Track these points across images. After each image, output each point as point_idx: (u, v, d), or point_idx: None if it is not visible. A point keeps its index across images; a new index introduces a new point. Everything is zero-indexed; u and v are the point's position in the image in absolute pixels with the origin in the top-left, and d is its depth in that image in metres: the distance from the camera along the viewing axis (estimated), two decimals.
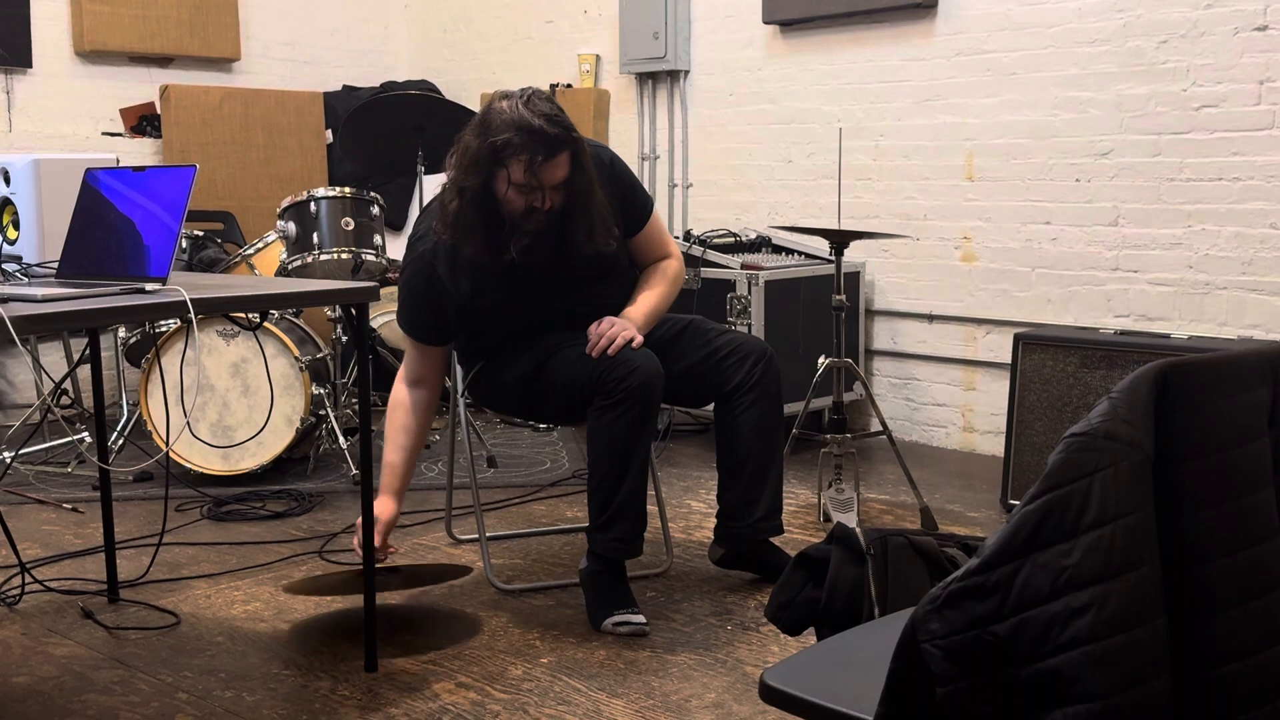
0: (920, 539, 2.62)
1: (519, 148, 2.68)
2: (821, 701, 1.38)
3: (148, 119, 5.77)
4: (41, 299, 2.14)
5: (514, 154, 2.69)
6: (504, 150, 2.70)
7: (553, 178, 2.74)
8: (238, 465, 4.15)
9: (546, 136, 2.69)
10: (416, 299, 2.97)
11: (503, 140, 2.69)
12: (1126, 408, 1.17)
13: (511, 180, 2.73)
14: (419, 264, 2.93)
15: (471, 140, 2.77)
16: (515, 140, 2.68)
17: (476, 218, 2.78)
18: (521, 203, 2.76)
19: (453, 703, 2.49)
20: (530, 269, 2.88)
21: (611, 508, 2.81)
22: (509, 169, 2.72)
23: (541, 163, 2.70)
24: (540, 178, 2.72)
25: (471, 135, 2.78)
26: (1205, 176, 4.06)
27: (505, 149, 2.70)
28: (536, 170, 2.70)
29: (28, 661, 2.70)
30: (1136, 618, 1.13)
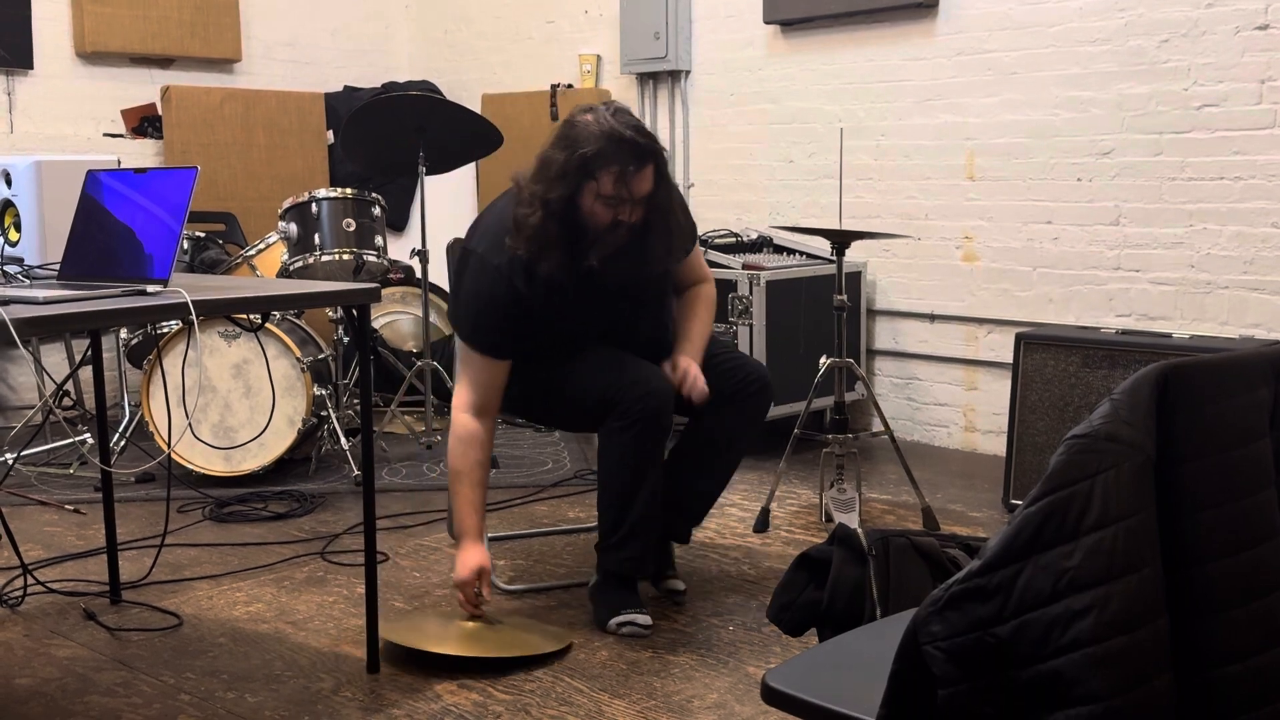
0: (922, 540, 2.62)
1: (610, 159, 2.62)
2: (823, 703, 1.38)
3: (149, 120, 5.78)
4: (43, 301, 2.14)
5: (605, 165, 2.63)
6: (594, 161, 2.62)
7: (640, 190, 2.68)
8: (239, 466, 4.15)
9: (637, 147, 2.64)
10: (495, 313, 2.79)
11: (594, 151, 2.62)
12: (1128, 409, 1.17)
13: (600, 192, 2.66)
14: (497, 276, 2.76)
15: (555, 154, 2.68)
16: (606, 151, 2.62)
17: (558, 232, 2.68)
18: (608, 216, 2.68)
19: (455, 703, 2.49)
20: (603, 284, 2.80)
21: (624, 528, 2.83)
22: (598, 181, 2.64)
23: (632, 174, 2.64)
24: (630, 189, 2.66)
25: (554, 149, 2.69)
26: (1206, 176, 4.06)
27: (596, 160, 2.62)
28: (628, 181, 2.64)
29: (30, 663, 2.70)
30: (1138, 619, 1.13)
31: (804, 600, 2.67)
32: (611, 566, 2.88)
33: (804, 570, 2.69)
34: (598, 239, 2.71)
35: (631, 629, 2.81)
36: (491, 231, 2.80)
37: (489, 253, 2.78)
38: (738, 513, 3.85)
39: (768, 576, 3.21)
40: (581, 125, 2.67)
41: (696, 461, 3.03)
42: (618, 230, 2.71)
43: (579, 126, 2.67)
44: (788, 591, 2.71)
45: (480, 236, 2.83)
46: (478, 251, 2.81)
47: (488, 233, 2.82)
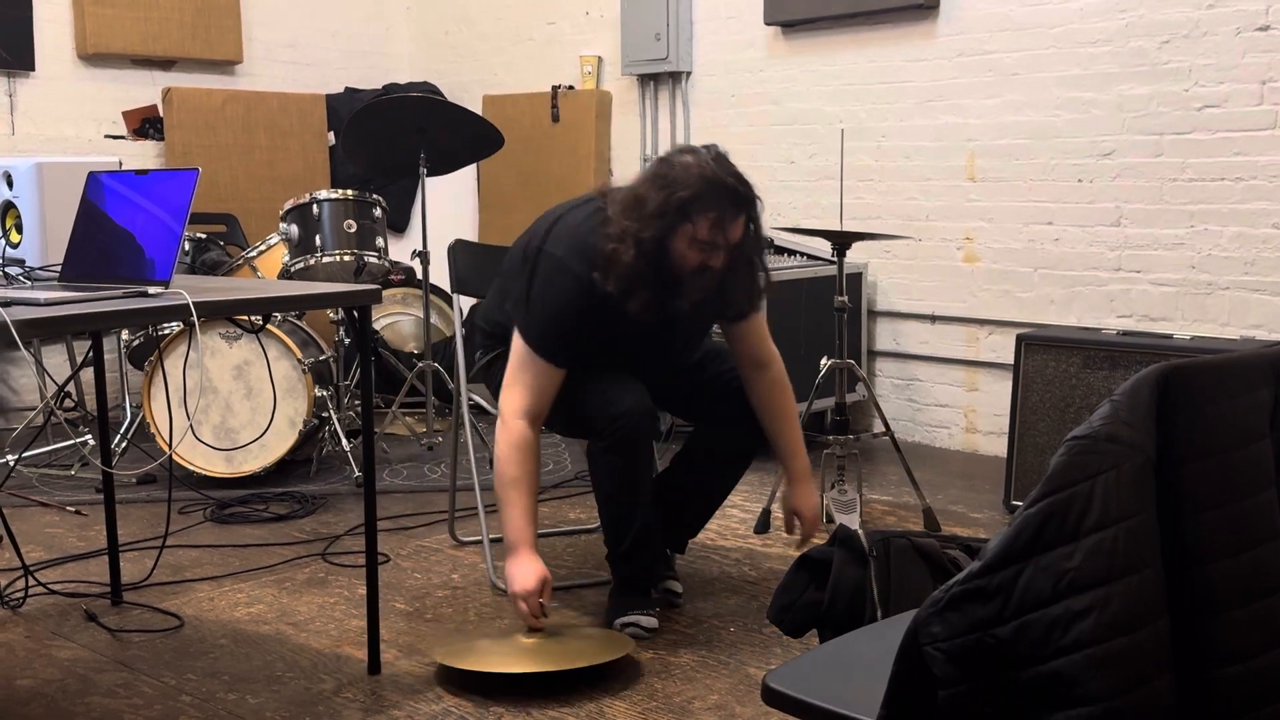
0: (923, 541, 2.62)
1: (709, 204, 2.58)
2: (824, 704, 1.38)
3: (150, 122, 5.78)
4: (44, 302, 2.14)
5: (702, 210, 2.58)
6: (692, 205, 2.58)
7: (733, 236, 2.64)
8: (241, 468, 4.15)
9: (736, 194, 2.61)
10: (567, 321, 2.70)
11: (692, 195, 2.57)
12: (1128, 410, 1.17)
13: (695, 236, 2.60)
14: (577, 285, 2.67)
15: (651, 192, 2.61)
16: (706, 195, 2.58)
17: (649, 272, 2.61)
18: (696, 260, 2.63)
19: (456, 704, 2.49)
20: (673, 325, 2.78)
21: (626, 542, 2.84)
22: (694, 224, 2.59)
23: (729, 221, 2.60)
24: (725, 236, 2.62)
25: (650, 186, 2.63)
26: (1208, 177, 4.06)
27: (694, 204, 2.58)
28: (724, 228, 2.60)
29: (31, 664, 2.71)
30: (1138, 620, 1.13)
31: (805, 601, 2.67)
32: (623, 575, 2.90)
33: (805, 571, 2.69)
34: (685, 282, 2.66)
35: (634, 630, 2.81)
36: (571, 237, 2.72)
37: (569, 258, 2.69)
38: (739, 514, 3.85)
39: (768, 578, 3.21)
40: (681, 167, 2.62)
41: (697, 475, 3.04)
42: (705, 274, 2.66)
43: (678, 167, 2.62)
44: (788, 593, 2.71)
45: (557, 240, 2.73)
46: (556, 255, 2.71)
47: (567, 237, 2.72)
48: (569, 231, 2.74)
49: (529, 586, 2.63)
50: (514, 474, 2.70)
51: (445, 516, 3.70)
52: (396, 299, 5.54)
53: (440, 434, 4.81)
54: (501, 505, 2.71)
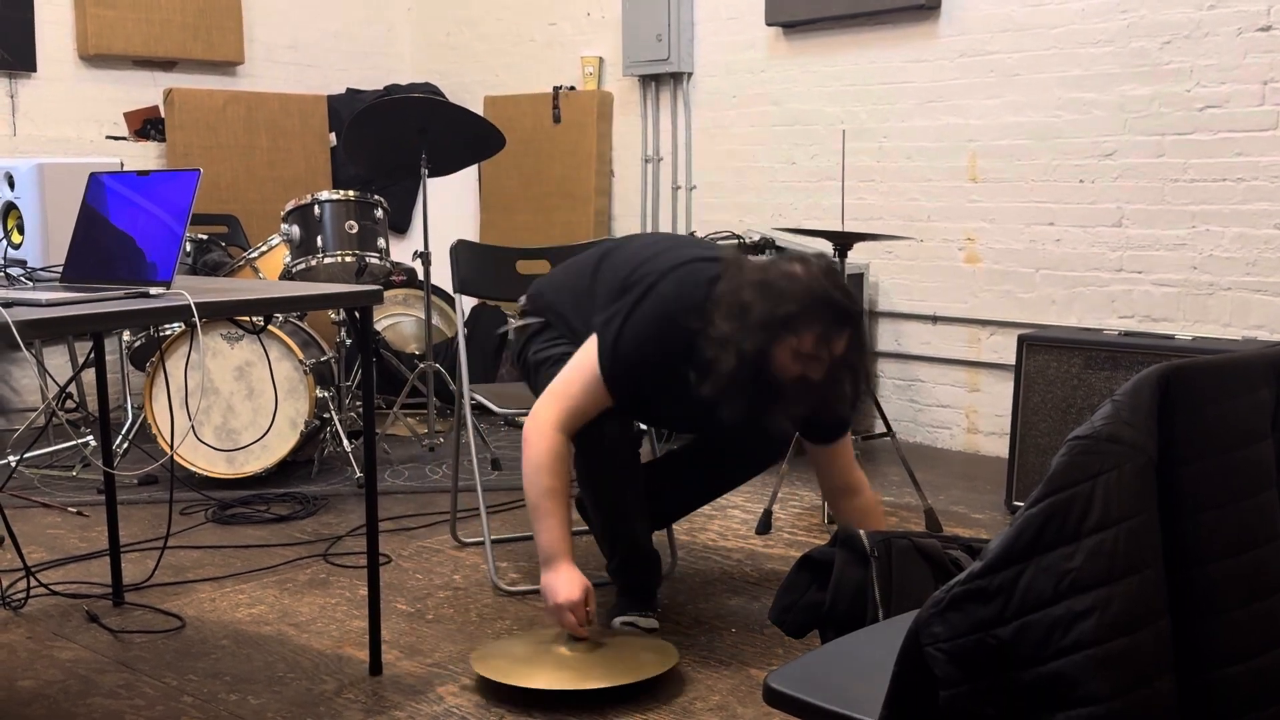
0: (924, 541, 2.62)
1: (814, 320, 2.49)
2: (825, 705, 1.38)
3: (152, 122, 5.78)
4: (46, 303, 2.14)
5: (807, 326, 2.49)
6: (798, 320, 2.49)
7: (836, 352, 2.54)
8: (242, 468, 4.15)
9: (843, 312, 2.53)
10: (647, 365, 2.65)
11: (798, 310, 2.49)
12: (1129, 410, 1.17)
13: (797, 350, 2.52)
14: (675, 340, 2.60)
15: (756, 301, 2.51)
16: (812, 311, 2.49)
17: (747, 382, 2.53)
18: (797, 371, 2.54)
19: (457, 705, 2.49)
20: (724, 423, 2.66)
21: (619, 554, 2.87)
22: (798, 339, 2.50)
23: (833, 337, 2.52)
24: (828, 351, 2.53)
25: (755, 294, 2.52)
26: (1209, 177, 4.06)
27: (799, 320, 2.49)
28: (828, 344, 2.51)
29: (33, 665, 2.71)
30: (1139, 620, 1.12)
31: (806, 602, 2.67)
32: (621, 584, 2.91)
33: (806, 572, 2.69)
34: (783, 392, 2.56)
35: (630, 629, 2.81)
36: (687, 289, 2.63)
37: (680, 312, 2.60)
38: (740, 515, 3.85)
39: (770, 578, 3.21)
40: (789, 278, 2.53)
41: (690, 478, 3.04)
42: (803, 386, 2.55)
43: (785, 278, 2.53)
44: (790, 593, 2.70)
45: (673, 281, 2.65)
46: (669, 299, 2.63)
47: (684, 288, 2.64)
48: (684, 281, 2.66)
49: (574, 597, 2.58)
50: (551, 484, 2.64)
51: (447, 517, 3.70)
52: (398, 300, 5.54)
53: (441, 435, 4.81)
54: (537, 515, 2.64)
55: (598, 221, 5.88)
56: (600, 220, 5.90)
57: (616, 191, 5.93)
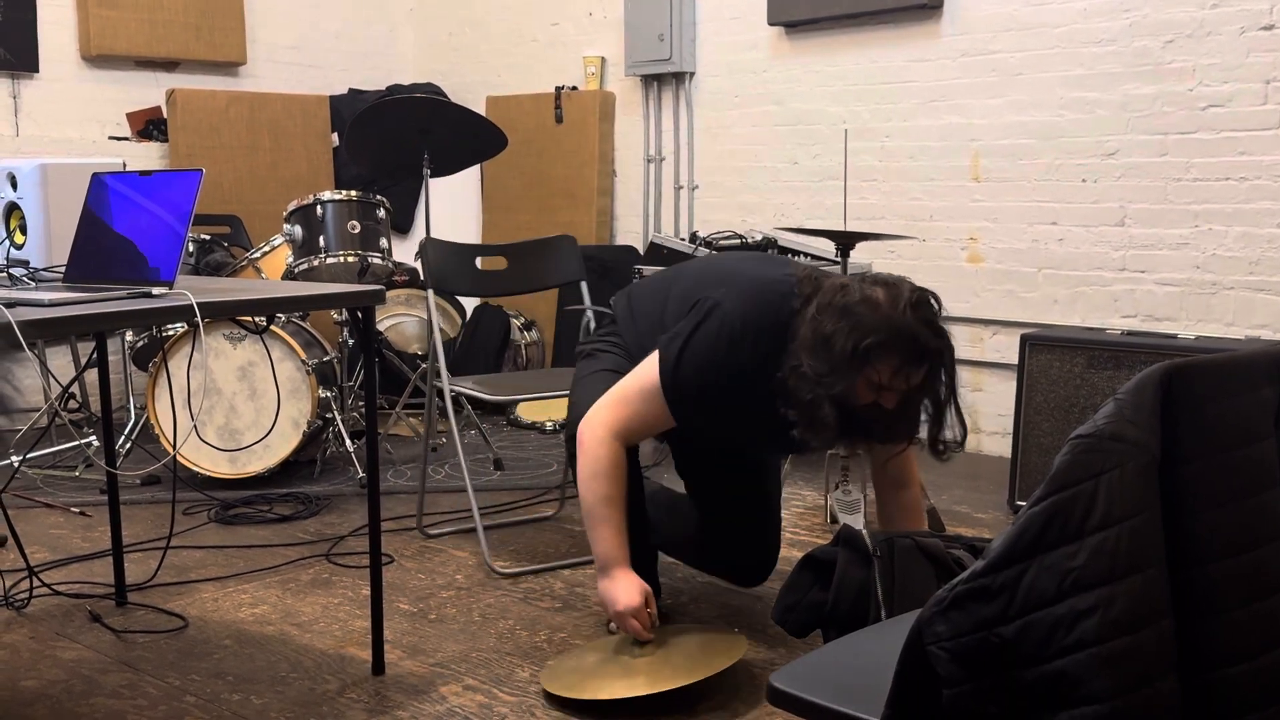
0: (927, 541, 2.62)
1: (892, 353, 2.40)
2: (828, 704, 1.38)
3: (154, 123, 5.79)
4: (48, 303, 2.14)
5: (885, 358, 2.40)
6: (876, 353, 2.39)
7: (912, 384, 2.46)
8: (245, 468, 4.16)
9: (924, 351, 2.43)
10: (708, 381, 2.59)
11: (878, 343, 2.39)
12: (1132, 409, 1.16)
13: (874, 381, 2.43)
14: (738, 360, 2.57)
15: (840, 331, 2.42)
16: (892, 345, 2.39)
17: (835, 419, 2.45)
18: (870, 397, 2.46)
19: (460, 705, 2.49)
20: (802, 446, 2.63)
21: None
22: (876, 370, 2.41)
23: (912, 372, 2.44)
24: (904, 383, 2.45)
25: (839, 322, 2.43)
26: (1212, 176, 4.05)
27: (878, 351, 2.39)
28: (906, 377, 2.43)
29: (36, 665, 2.71)
30: (1142, 620, 1.12)
31: (809, 601, 2.67)
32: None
33: (809, 571, 2.69)
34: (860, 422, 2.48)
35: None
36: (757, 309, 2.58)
37: (749, 334, 2.56)
38: None
39: (772, 578, 3.21)
40: (870, 305, 2.43)
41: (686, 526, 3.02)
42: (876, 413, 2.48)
43: (869, 305, 2.43)
44: (793, 592, 2.70)
45: (743, 299, 2.60)
46: (736, 318, 2.58)
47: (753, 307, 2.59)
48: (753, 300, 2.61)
49: (635, 602, 2.56)
50: (609, 491, 2.61)
51: (450, 517, 3.70)
52: (400, 300, 5.54)
53: (443, 435, 4.81)
54: (593, 522, 2.61)
55: (600, 222, 5.88)
56: (602, 220, 5.90)
57: (619, 191, 5.93)
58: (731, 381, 2.57)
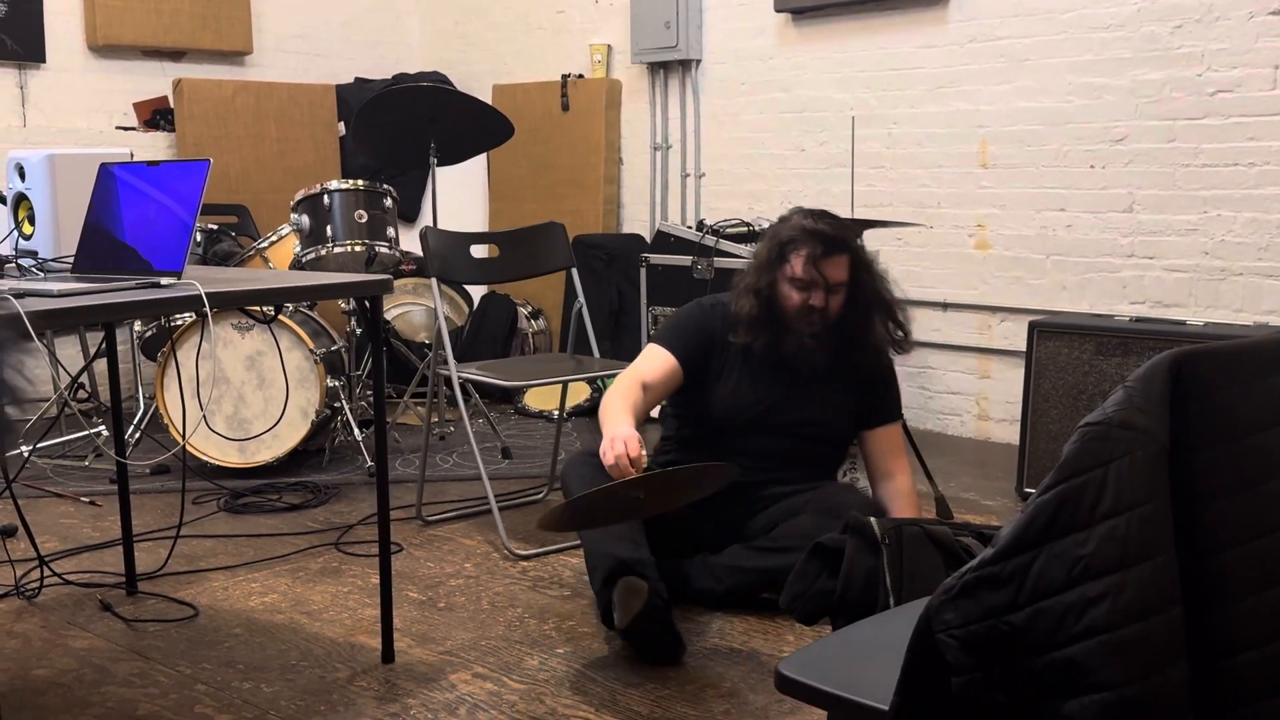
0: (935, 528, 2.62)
1: (800, 243, 2.91)
2: (837, 691, 1.38)
3: (161, 113, 5.79)
4: (57, 294, 2.15)
5: (795, 249, 2.92)
6: (787, 246, 2.93)
7: (830, 275, 2.92)
8: (254, 458, 4.16)
9: (826, 235, 2.91)
10: (682, 328, 3.06)
11: (787, 237, 2.94)
12: (1141, 396, 1.16)
13: (792, 274, 2.92)
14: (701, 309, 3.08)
15: (761, 248, 3.01)
16: (798, 237, 2.92)
17: (766, 315, 2.95)
18: (799, 299, 2.93)
19: (469, 693, 2.50)
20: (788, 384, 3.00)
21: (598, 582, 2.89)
22: (791, 264, 2.92)
23: (820, 257, 2.90)
24: (820, 272, 2.91)
25: (762, 244, 3.03)
26: (1221, 162, 4.04)
27: (788, 244, 2.93)
28: (817, 264, 2.90)
29: (47, 654, 2.72)
30: (1152, 607, 1.12)
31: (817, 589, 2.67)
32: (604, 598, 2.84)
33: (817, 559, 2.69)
34: (791, 323, 2.94)
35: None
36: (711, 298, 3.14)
37: (707, 298, 3.13)
38: None
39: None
40: (782, 222, 3.01)
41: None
42: (810, 316, 2.93)
43: (782, 222, 3.01)
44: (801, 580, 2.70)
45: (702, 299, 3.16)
46: (701, 298, 3.15)
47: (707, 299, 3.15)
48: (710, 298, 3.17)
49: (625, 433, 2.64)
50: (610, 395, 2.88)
51: (458, 507, 3.71)
52: (407, 289, 5.55)
53: (451, 423, 4.81)
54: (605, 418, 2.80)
55: (606, 210, 5.87)
56: (609, 209, 5.89)
57: (625, 179, 5.93)
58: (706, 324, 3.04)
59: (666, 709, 2.41)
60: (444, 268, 3.70)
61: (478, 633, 2.82)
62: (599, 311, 5.12)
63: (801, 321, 2.93)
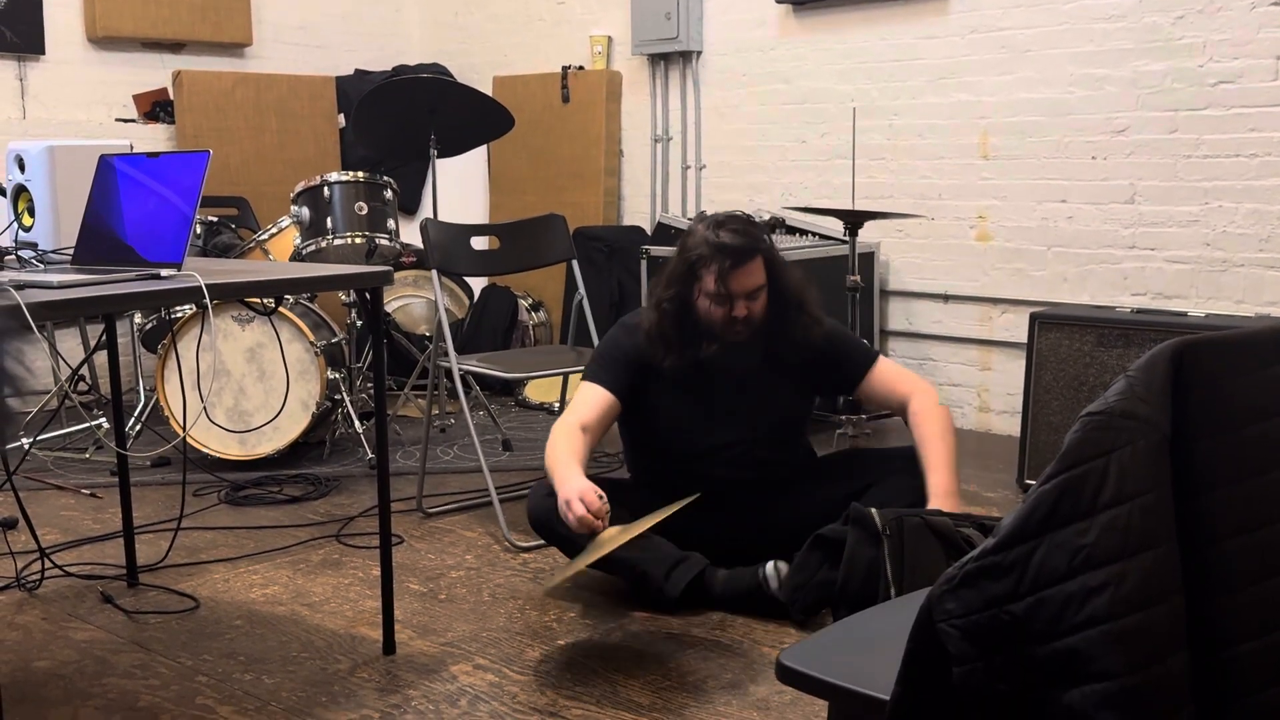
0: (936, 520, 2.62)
1: (708, 259, 2.86)
2: (838, 682, 1.38)
3: (161, 105, 5.78)
4: (57, 285, 2.15)
5: (704, 265, 2.87)
6: (696, 264, 2.88)
7: (744, 285, 2.88)
8: (254, 450, 4.16)
9: (732, 248, 2.85)
10: (610, 356, 3.01)
11: (696, 255, 2.88)
12: (1143, 386, 1.16)
13: (705, 291, 2.89)
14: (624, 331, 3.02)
15: (670, 262, 2.98)
16: (706, 253, 2.87)
17: (673, 331, 2.91)
18: (720, 313, 2.89)
19: (470, 684, 2.50)
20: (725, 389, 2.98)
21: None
22: (703, 281, 2.88)
23: (731, 269, 2.85)
24: (730, 286, 2.86)
25: (672, 260, 2.98)
26: (1222, 153, 4.03)
27: (697, 263, 2.88)
28: (726, 278, 2.85)
29: (48, 646, 2.72)
30: (1153, 597, 1.12)
31: (818, 580, 2.68)
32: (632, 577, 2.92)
33: (818, 550, 2.70)
34: (715, 337, 2.91)
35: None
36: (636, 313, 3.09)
37: (629, 317, 3.07)
38: None
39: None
40: (689, 235, 2.95)
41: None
42: (733, 326, 2.90)
43: (688, 235, 2.95)
44: (802, 571, 2.71)
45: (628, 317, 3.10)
46: (624, 318, 3.10)
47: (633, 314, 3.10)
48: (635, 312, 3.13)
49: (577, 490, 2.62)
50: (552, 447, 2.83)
51: (459, 499, 3.71)
52: (408, 281, 5.54)
53: (452, 415, 4.81)
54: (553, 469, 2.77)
55: (607, 202, 5.87)
56: (609, 201, 5.89)
57: (626, 171, 5.92)
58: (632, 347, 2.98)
59: (668, 700, 2.41)
60: (444, 260, 3.70)
61: (479, 624, 2.82)
62: (600, 304, 5.12)
63: (729, 333, 2.91)
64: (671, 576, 2.81)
